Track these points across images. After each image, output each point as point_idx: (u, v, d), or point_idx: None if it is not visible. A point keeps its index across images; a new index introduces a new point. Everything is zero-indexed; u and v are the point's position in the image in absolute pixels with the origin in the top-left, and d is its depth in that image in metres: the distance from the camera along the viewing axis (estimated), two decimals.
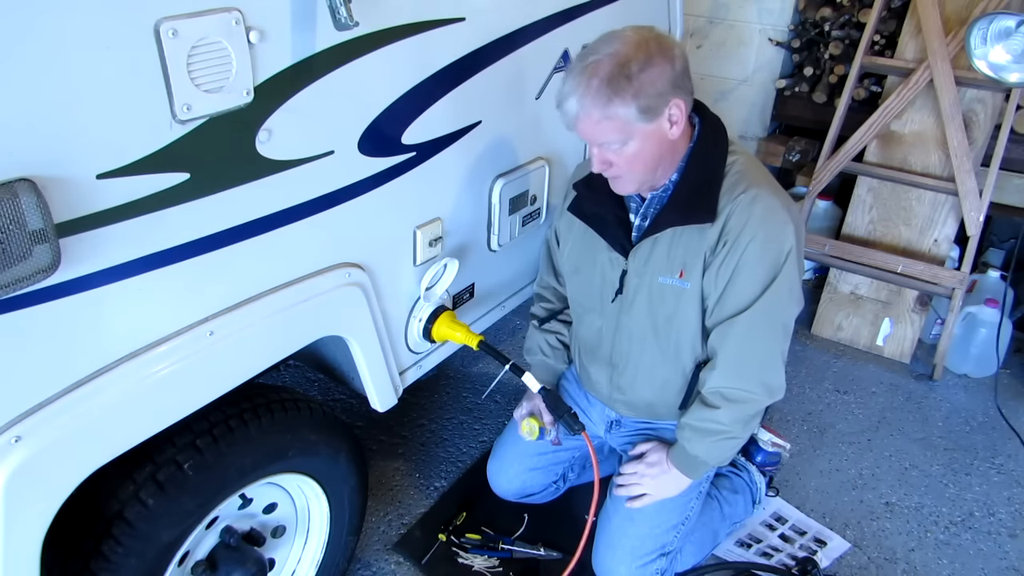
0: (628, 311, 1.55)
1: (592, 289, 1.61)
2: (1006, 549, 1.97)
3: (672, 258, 1.46)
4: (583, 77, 1.28)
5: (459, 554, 1.83)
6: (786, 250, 1.40)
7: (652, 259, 1.48)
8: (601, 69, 1.27)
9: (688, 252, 1.44)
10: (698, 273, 1.45)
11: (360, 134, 1.30)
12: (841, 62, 2.98)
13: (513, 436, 1.86)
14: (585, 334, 1.69)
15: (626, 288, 1.53)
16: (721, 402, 1.48)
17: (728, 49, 3.31)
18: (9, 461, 0.93)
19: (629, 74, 1.26)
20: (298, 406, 1.35)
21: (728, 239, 1.39)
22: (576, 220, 1.58)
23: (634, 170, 1.37)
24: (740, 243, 1.38)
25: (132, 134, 0.95)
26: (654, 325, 1.54)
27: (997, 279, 2.80)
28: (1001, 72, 2.12)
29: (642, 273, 1.50)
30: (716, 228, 1.40)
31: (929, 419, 2.47)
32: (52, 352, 0.96)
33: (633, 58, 1.26)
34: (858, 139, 2.69)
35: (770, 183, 1.44)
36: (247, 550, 1.37)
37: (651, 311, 1.52)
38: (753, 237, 1.38)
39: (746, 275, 1.41)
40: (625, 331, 1.58)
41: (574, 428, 1.47)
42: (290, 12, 1.09)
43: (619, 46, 1.28)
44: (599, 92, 1.27)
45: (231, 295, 1.18)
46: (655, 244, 1.47)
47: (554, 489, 1.90)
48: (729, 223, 1.39)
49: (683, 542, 1.70)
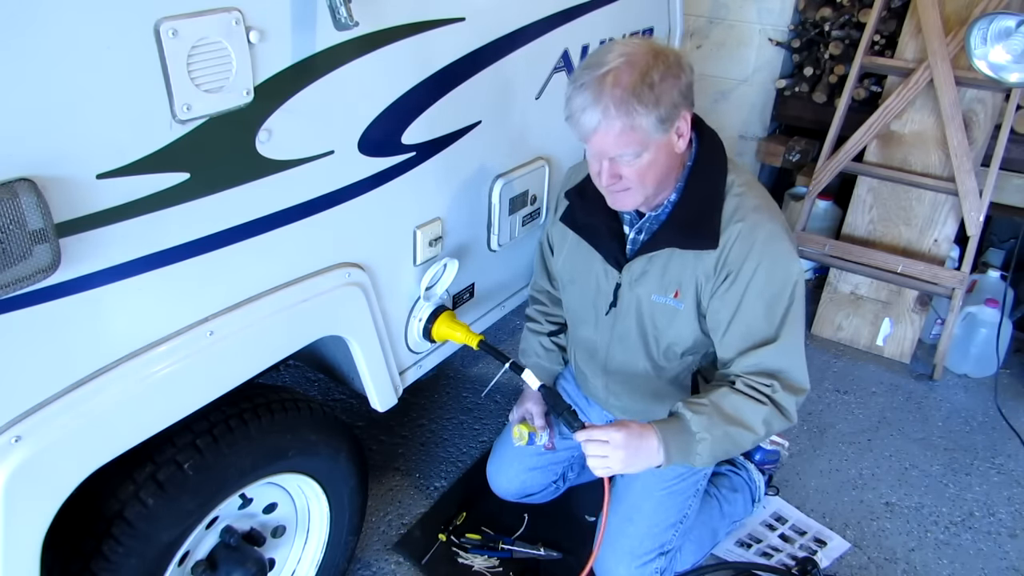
0: (621, 323, 1.55)
1: (586, 300, 1.60)
2: (1006, 549, 1.97)
3: (667, 278, 1.44)
4: (603, 87, 1.22)
5: (459, 554, 1.83)
6: (793, 277, 1.38)
7: (646, 276, 1.46)
8: (623, 78, 1.22)
9: (683, 273, 1.42)
10: (692, 295, 1.43)
11: (360, 134, 1.30)
12: (841, 62, 2.98)
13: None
14: (581, 341, 1.69)
15: (619, 301, 1.52)
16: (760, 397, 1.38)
17: (728, 49, 3.31)
18: (9, 461, 0.93)
19: (651, 83, 1.22)
20: (298, 406, 1.35)
21: (731, 269, 1.36)
22: (568, 228, 1.57)
23: (644, 183, 1.33)
24: (744, 273, 1.36)
25: (132, 134, 0.95)
26: (645, 339, 1.53)
27: (997, 279, 2.80)
28: (1001, 72, 2.12)
29: (635, 288, 1.48)
30: (714, 254, 1.38)
31: (929, 419, 2.47)
32: (52, 352, 0.96)
33: (653, 67, 1.23)
34: (858, 139, 2.69)
35: (769, 206, 1.41)
36: (247, 550, 1.37)
37: (643, 326, 1.51)
38: (758, 265, 1.35)
39: (753, 305, 1.37)
40: (618, 343, 1.58)
41: (573, 425, 1.47)
42: (290, 12, 1.09)
43: (632, 55, 1.24)
44: (623, 101, 1.22)
45: (231, 295, 1.18)
46: (651, 261, 1.45)
47: (554, 489, 1.90)
48: (731, 252, 1.36)
49: (682, 541, 1.70)
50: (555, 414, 1.56)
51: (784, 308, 1.38)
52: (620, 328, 1.55)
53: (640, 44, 1.27)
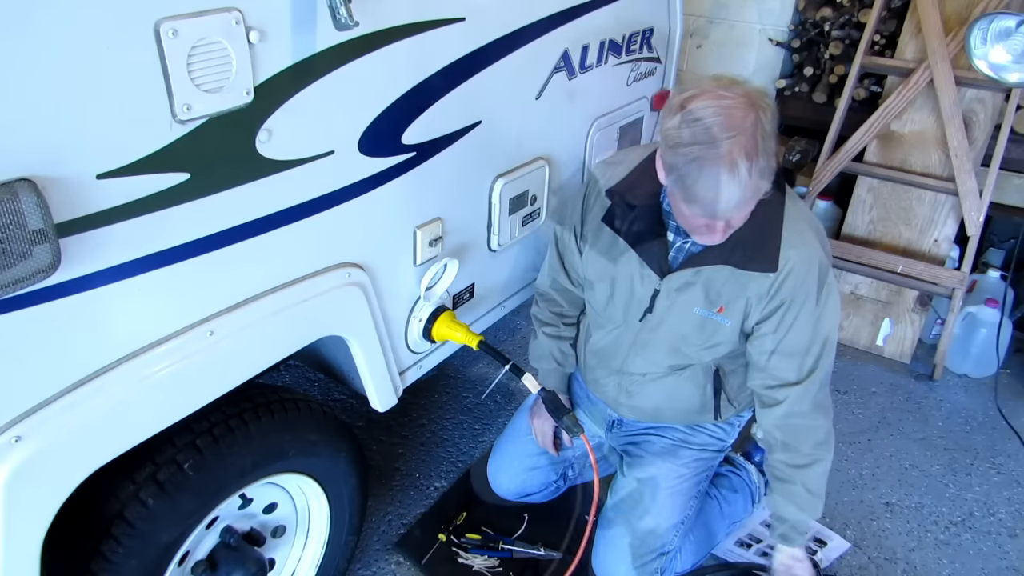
0: (654, 331, 1.52)
1: (616, 304, 1.55)
2: (1006, 549, 1.97)
3: (713, 293, 1.42)
4: (728, 166, 1.14)
5: (459, 554, 1.83)
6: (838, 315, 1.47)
7: (691, 288, 1.43)
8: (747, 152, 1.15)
9: (733, 292, 1.41)
10: (739, 313, 1.43)
11: (360, 134, 1.30)
12: (841, 62, 2.98)
13: (513, 436, 1.86)
14: (600, 343, 1.65)
15: (655, 308, 1.49)
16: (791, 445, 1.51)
17: (728, 49, 3.31)
18: (9, 461, 0.93)
19: (766, 149, 1.18)
20: (298, 406, 1.35)
21: (786, 300, 1.38)
22: (605, 228, 1.50)
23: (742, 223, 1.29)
24: (795, 304, 1.39)
25: (132, 134, 0.95)
26: (675, 347, 1.52)
27: (997, 279, 2.80)
28: (1001, 72, 2.12)
29: (676, 298, 1.46)
30: (770, 277, 1.37)
31: (929, 419, 2.47)
32: (52, 352, 0.96)
33: (757, 124, 1.17)
34: (858, 139, 2.69)
35: (817, 233, 1.43)
36: (247, 550, 1.37)
37: (678, 336, 1.50)
38: (807, 297, 1.38)
39: (800, 333, 1.41)
40: (643, 347, 1.56)
41: (573, 431, 1.47)
42: (290, 12, 1.09)
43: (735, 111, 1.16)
44: (749, 180, 1.16)
45: (231, 295, 1.18)
46: (697, 274, 1.42)
47: (554, 488, 1.90)
48: (786, 282, 1.37)
49: (682, 542, 1.70)
50: (555, 419, 1.56)
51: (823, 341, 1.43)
52: (650, 335, 1.53)
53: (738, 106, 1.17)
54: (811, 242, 1.38)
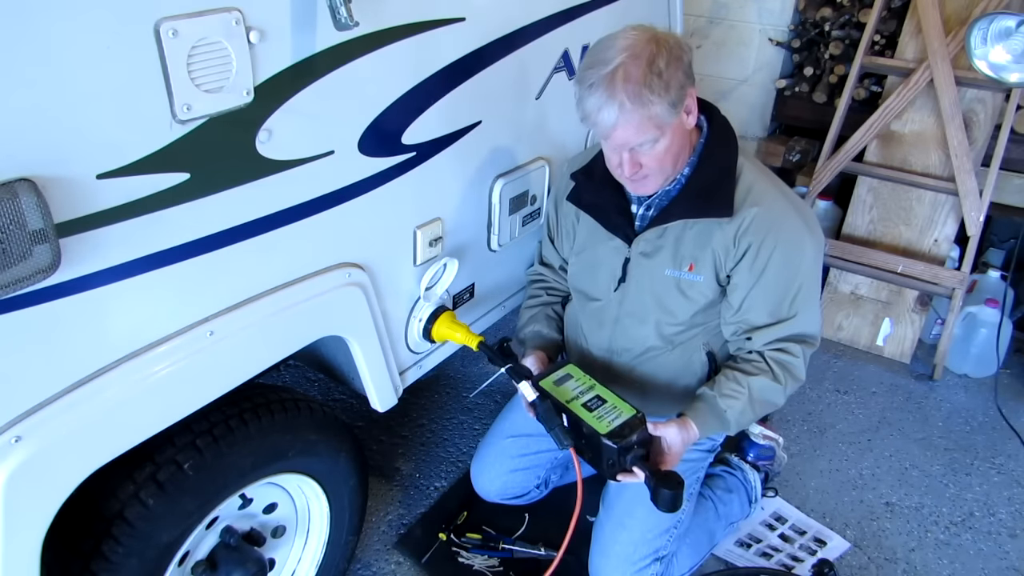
0: (630, 299, 1.56)
1: (595, 277, 1.61)
2: (1006, 549, 1.97)
3: (680, 251, 1.47)
4: (614, 84, 1.26)
5: (459, 554, 1.83)
6: (809, 257, 1.45)
7: (659, 251, 1.49)
8: (632, 72, 1.25)
9: (698, 246, 1.46)
10: (710, 267, 1.46)
11: (360, 134, 1.30)
12: (841, 62, 2.98)
13: (495, 437, 1.85)
14: (585, 320, 1.68)
15: (628, 276, 1.54)
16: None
17: (728, 49, 3.31)
18: (9, 461, 0.93)
19: (659, 71, 1.26)
20: (298, 406, 1.35)
21: (751, 242, 1.41)
22: (572, 207, 1.60)
23: (663, 166, 1.38)
24: (763, 253, 1.41)
25: (132, 134, 0.95)
26: (657, 318, 1.54)
27: (997, 279, 2.80)
28: (1001, 72, 2.12)
29: (645, 262, 1.51)
30: (732, 227, 1.42)
31: (929, 419, 2.47)
32: (52, 352, 0.96)
33: (657, 54, 1.27)
34: (858, 139, 2.69)
35: (780, 187, 1.47)
36: (247, 550, 1.37)
37: (655, 301, 1.53)
38: (774, 248, 1.41)
39: (772, 285, 1.44)
40: (626, 319, 1.59)
41: (563, 443, 1.44)
42: (290, 12, 1.09)
43: (634, 46, 1.27)
44: (637, 95, 1.25)
45: (231, 295, 1.18)
46: (662, 235, 1.47)
47: (537, 492, 1.89)
48: (748, 228, 1.41)
49: (677, 545, 1.69)
50: (547, 428, 1.53)
51: (797, 287, 1.45)
52: (629, 304, 1.57)
53: (639, 34, 1.30)
54: (769, 194, 1.43)
